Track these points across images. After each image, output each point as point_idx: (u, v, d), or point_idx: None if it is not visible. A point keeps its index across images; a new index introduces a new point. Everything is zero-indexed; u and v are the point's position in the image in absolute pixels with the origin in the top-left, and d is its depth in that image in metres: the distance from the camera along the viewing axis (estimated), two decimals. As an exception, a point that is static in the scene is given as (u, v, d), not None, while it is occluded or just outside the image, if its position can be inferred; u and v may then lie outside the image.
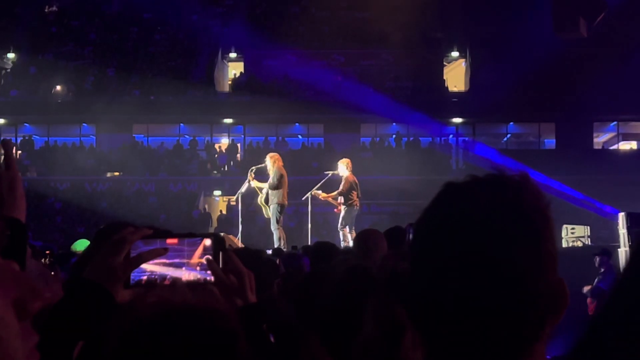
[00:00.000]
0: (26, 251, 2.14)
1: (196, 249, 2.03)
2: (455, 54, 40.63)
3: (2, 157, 2.27)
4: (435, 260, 1.26)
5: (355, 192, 15.25)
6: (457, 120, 37.54)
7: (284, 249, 12.87)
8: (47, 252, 7.08)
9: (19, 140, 37.87)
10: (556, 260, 1.27)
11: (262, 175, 15.19)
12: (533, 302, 1.23)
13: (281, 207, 14.73)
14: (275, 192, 14.56)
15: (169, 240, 2.01)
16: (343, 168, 15.32)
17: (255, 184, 14.86)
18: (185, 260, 2.02)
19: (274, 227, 14.71)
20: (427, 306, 1.26)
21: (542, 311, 1.24)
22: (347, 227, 15.10)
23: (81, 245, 8.27)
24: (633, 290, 1.35)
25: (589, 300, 12.14)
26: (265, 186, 14.63)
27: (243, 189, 15.96)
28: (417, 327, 1.30)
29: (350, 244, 12.97)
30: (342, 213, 15.34)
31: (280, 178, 14.50)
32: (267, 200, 14.72)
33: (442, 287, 1.24)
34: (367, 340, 2.22)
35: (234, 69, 41.20)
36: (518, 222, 1.25)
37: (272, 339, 2.13)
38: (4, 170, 2.20)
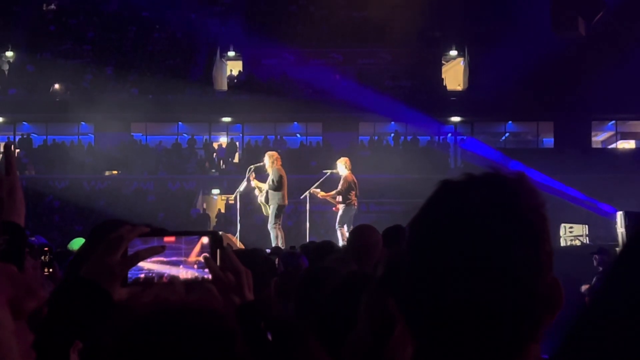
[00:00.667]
0: (24, 255, 2.15)
1: (194, 247, 2.03)
2: (453, 52, 40.63)
3: (2, 158, 2.27)
4: (431, 260, 1.25)
5: (353, 192, 15.25)
6: (456, 119, 37.55)
7: (283, 248, 12.86)
8: (46, 249, 7.06)
9: (17, 139, 37.85)
10: (552, 260, 1.27)
11: (260, 174, 15.20)
12: (531, 302, 1.22)
13: (281, 208, 14.75)
14: (275, 192, 14.58)
15: (167, 238, 2.00)
16: (342, 167, 15.33)
17: (255, 183, 14.86)
18: (182, 259, 2.02)
19: (271, 226, 14.72)
20: (422, 305, 1.25)
21: (540, 311, 1.23)
22: (345, 226, 15.09)
23: (78, 243, 8.25)
24: (622, 283, 1.34)
25: (587, 299, 12.13)
26: (265, 186, 14.64)
27: (242, 187, 15.97)
28: (409, 324, 1.29)
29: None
30: (340, 212, 15.35)
31: (280, 179, 14.51)
32: (267, 200, 14.73)
33: (438, 286, 1.23)
34: (357, 335, 2.22)
35: (233, 67, 41.19)
36: (516, 222, 1.24)
37: (269, 338, 2.12)
38: (4, 175, 2.20)
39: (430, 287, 1.24)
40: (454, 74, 40.51)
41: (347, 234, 14.45)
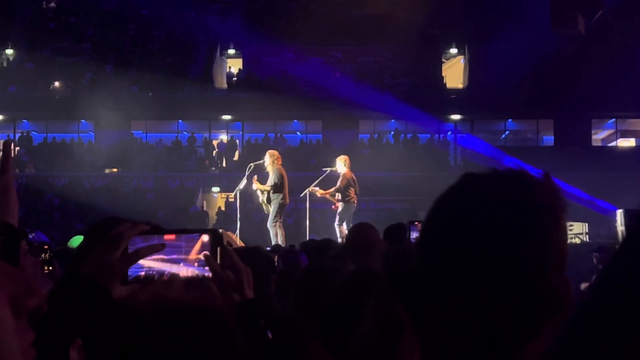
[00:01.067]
0: (19, 255, 2.14)
1: (194, 245, 2.03)
2: (453, 50, 40.61)
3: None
4: (441, 251, 1.26)
5: (352, 189, 15.27)
6: (456, 116, 37.54)
7: (283, 246, 12.86)
8: (46, 246, 7.05)
9: (17, 137, 37.84)
10: (562, 262, 1.27)
11: (260, 172, 15.19)
12: (533, 300, 1.22)
13: (282, 207, 14.78)
14: (276, 193, 14.60)
15: (167, 236, 2.00)
16: (341, 165, 15.35)
17: (257, 186, 14.81)
18: (183, 256, 2.01)
19: (270, 224, 14.74)
20: (426, 300, 1.25)
21: (541, 310, 1.23)
22: (344, 223, 15.11)
23: (77, 241, 8.23)
24: (620, 280, 1.34)
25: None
26: (267, 188, 14.64)
27: (241, 185, 15.96)
28: (414, 325, 1.29)
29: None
30: (339, 209, 15.37)
31: (281, 179, 14.53)
32: (268, 199, 14.74)
33: (444, 278, 1.24)
34: (363, 337, 2.21)
35: (233, 65, 41.17)
36: (525, 218, 1.24)
37: (269, 336, 2.11)
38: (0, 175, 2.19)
39: (436, 278, 1.25)
40: (454, 71, 40.49)
41: (346, 232, 14.47)
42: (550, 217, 1.26)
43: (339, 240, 14.09)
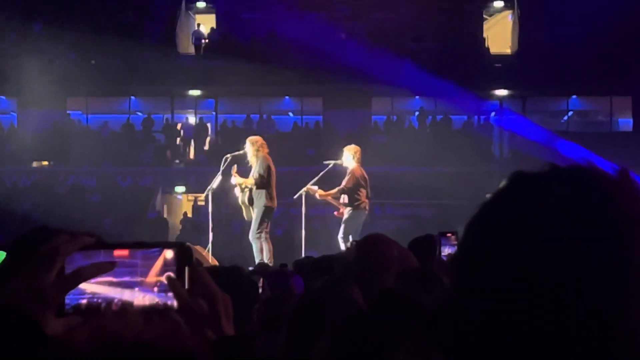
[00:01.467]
0: None
1: (153, 264, 2.03)
2: (498, 3, 40.66)
3: None
4: (484, 277, 1.25)
5: (364, 191, 15.27)
6: (502, 92, 37.58)
7: (270, 265, 12.89)
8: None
9: None
10: None
11: (241, 167, 15.21)
12: (607, 346, 1.21)
13: (268, 211, 14.73)
14: (260, 190, 14.56)
15: (117, 252, 2.01)
16: (349, 157, 15.35)
17: (237, 180, 14.80)
18: (138, 279, 2.02)
19: (253, 235, 14.71)
20: (466, 346, 1.25)
21: (625, 358, 1.22)
22: (351, 237, 15.08)
23: (-2, 258, 8.25)
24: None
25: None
26: (251, 182, 14.60)
27: (215, 183, 15.99)
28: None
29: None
30: (345, 216, 15.36)
31: (268, 170, 14.49)
32: (250, 200, 14.72)
33: (490, 315, 1.23)
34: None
35: (203, 23, 41.16)
36: (602, 234, 1.23)
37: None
38: None
39: (478, 314, 1.24)
40: (499, 32, 40.54)
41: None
42: (631, 229, 1.25)
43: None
